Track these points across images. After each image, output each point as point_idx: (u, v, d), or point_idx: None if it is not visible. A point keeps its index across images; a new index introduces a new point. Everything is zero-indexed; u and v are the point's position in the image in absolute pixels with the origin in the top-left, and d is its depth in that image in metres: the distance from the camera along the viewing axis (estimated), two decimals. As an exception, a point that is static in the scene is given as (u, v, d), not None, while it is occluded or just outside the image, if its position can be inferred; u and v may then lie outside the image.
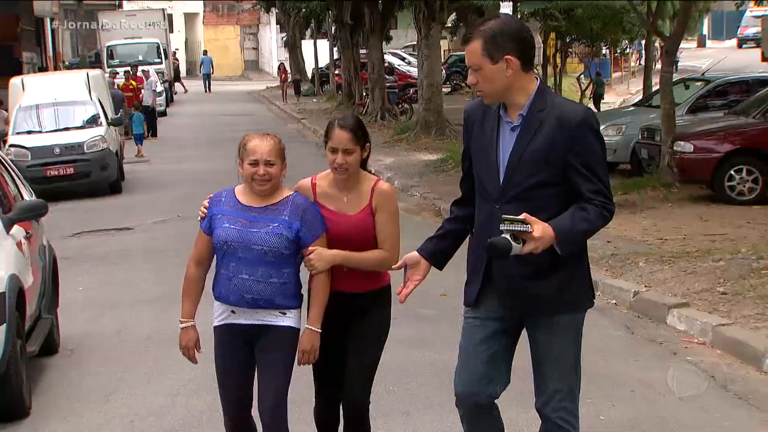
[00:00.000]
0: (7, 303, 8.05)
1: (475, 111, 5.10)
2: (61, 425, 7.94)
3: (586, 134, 4.82)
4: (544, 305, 4.94)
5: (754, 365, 8.48)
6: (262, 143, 5.47)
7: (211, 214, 5.54)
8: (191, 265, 5.65)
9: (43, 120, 22.85)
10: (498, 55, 4.77)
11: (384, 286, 5.66)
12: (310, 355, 5.45)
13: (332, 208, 5.53)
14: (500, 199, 4.88)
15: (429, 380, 8.21)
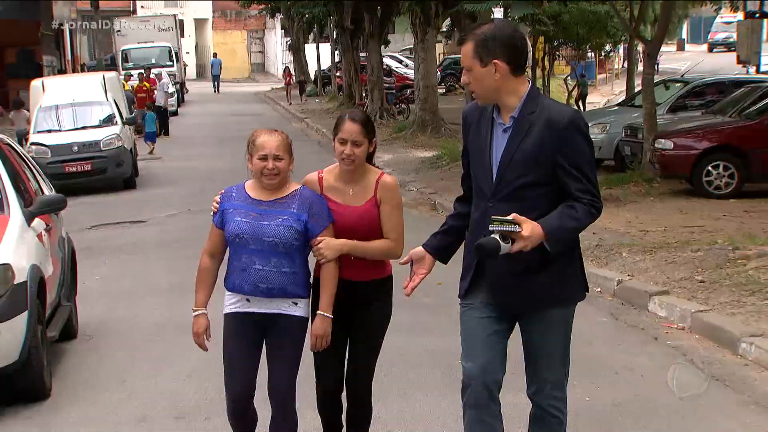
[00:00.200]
0: (28, 291, 8.05)
1: (472, 112, 5.07)
2: (79, 406, 7.95)
3: (574, 135, 4.77)
4: (535, 301, 4.91)
5: (730, 349, 8.49)
6: (270, 138, 5.43)
7: (223, 209, 5.50)
8: (204, 257, 5.62)
9: (62, 119, 22.83)
10: (487, 59, 4.75)
11: (387, 275, 5.63)
12: (323, 340, 5.40)
13: (338, 201, 5.50)
14: (493, 198, 4.84)
15: (425, 365, 8.21)
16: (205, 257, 5.62)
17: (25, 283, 8.06)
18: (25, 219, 8.84)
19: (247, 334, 5.47)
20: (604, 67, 54.97)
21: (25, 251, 8.41)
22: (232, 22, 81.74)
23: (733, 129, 17.59)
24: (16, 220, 8.71)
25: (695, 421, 6.98)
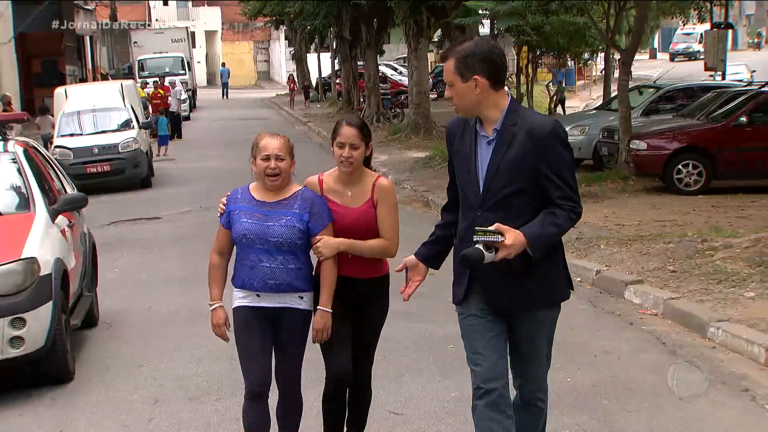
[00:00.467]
0: (53, 283, 8.08)
1: (456, 125, 4.97)
2: (100, 388, 7.95)
3: (555, 144, 4.69)
4: (525, 303, 4.82)
5: (699, 333, 8.50)
6: (272, 141, 5.39)
7: (229, 210, 5.45)
8: (214, 255, 5.56)
9: (84, 124, 22.88)
10: (468, 75, 4.67)
11: (384, 274, 5.56)
12: (323, 333, 5.37)
13: (338, 202, 5.44)
14: (481, 207, 4.75)
15: (419, 349, 8.22)
16: (214, 255, 5.56)
17: (50, 276, 8.09)
18: (49, 216, 8.86)
19: (258, 327, 5.41)
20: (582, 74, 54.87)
21: (49, 246, 8.43)
22: (240, 33, 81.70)
23: (701, 131, 17.64)
24: (41, 217, 8.73)
25: (667, 399, 6.98)
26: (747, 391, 7.09)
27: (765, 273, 9.88)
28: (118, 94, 24.20)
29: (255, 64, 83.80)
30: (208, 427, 6.81)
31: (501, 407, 4.80)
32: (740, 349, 7.99)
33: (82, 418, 7.27)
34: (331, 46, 48.02)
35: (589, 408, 6.82)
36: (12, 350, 7.72)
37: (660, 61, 73.87)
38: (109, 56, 58.21)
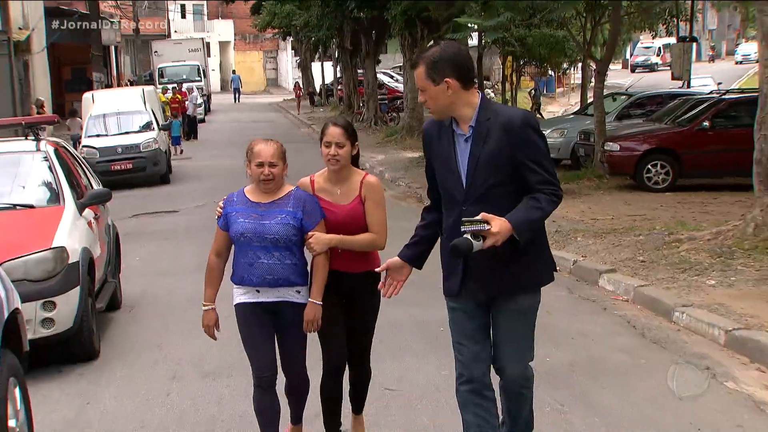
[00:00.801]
0: (80, 270, 8.09)
1: (431, 128, 4.80)
2: (123, 366, 7.96)
3: (529, 133, 4.52)
4: (510, 287, 4.64)
5: (665, 317, 8.52)
6: (266, 147, 5.24)
7: (226, 213, 5.33)
8: (212, 256, 5.43)
9: (109, 126, 22.94)
10: (439, 78, 4.49)
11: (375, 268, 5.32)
12: (313, 324, 5.26)
13: (328, 200, 5.31)
14: (465, 202, 4.58)
15: (412, 331, 8.23)
16: (212, 256, 5.43)
17: (78, 263, 8.10)
18: (77, 209, 8.88)
19: (259, 320, 5.31)
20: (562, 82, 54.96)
21: (77, 236, 8.43)
22: (250, 43, 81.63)
23: (669, 134, 17.70)
24: (70, 210, 8.74)
25: (636, 377, 7.00)
26: (708, 370, 7.10)
27: (725, 263, 9.90)
28: (140, 99, 24.27)
29: (264, 71, 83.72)
30: (220, 402, 6.81)
31: (483, 392, 4.74)
32: (702, 331, 8.00)
33: (106, 392, 7.28)
34: (334, 55, 48.04)
35: (566, 385, 6.83)
36: (44, 330, 7.75)
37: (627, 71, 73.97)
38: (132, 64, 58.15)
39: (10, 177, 9.20)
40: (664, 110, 20.14)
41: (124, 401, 7.03)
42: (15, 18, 30.08)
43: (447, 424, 6.07)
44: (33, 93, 32.24)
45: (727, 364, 7.21)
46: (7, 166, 9.30)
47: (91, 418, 6.72)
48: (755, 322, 7.80)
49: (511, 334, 4.73)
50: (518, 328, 4.74)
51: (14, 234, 8.09)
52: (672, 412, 6.24)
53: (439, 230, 4.86)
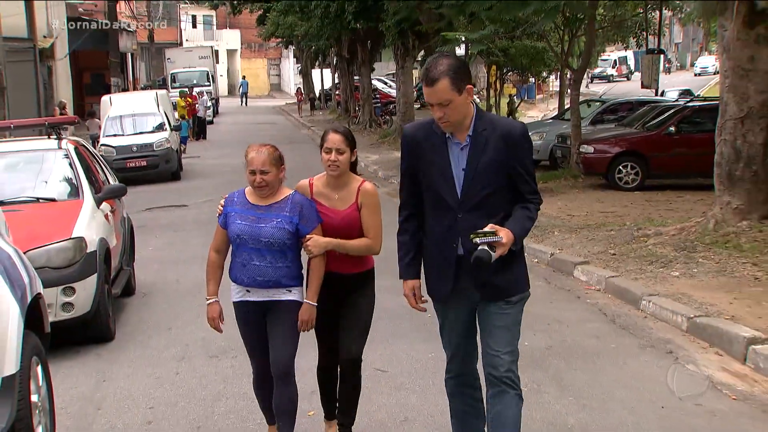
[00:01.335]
0: (97, 258, 8.11)
1: (417, 132, 4.45)
2: (136, 347, 7.97)
3: (525, 144, 4.32)
4: (505, 290, 4.40)
5: (633, 305, 8.55)
6: (258, 155, 4.94)
7: (226, 212, 5.08)
8: (212, 253, 5.20)
9: (125, 126, 22.90)
10: (462, 87, 4.15)
11: (369, 269, 5.21)
12: (308, 324, 5.02)
13: (326, 204, 5.05)
14: (461, 209, 4.30)
15: (402, 317, 8.20)
16: (212, 253, 5.20)
17: (95, 252, 8.12)
18: (95, 203, 8.90)
19: (252, 319, 5.09)
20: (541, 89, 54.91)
21: (95, 227, 8.44)
22: (256, 52, 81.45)
23: (638, 138, 17.73)
24: (89, 204, 8.76)
25: (607, 359, 7.02)
26: (671, 353, 7.14)
27: (688, 256, 9.93)
28: (154, 102, 24.24)
29: (268, 77, 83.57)
30: (225, 381, 6.82)
31: (472, 383, 4.63)
32: (666, 318, 8.03)
33: (121, 370, 7.29)
34: (332, 63, 47.95)
35: (542, 367, 6.85)
36: (64, 314, 7.76)
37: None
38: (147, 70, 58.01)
39: (34, 173, 9.25)
40: (634, 116, 20.18)
41: (137, 379, 7.04)
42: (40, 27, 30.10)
43: (434, 403, 6.09)
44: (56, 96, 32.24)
45: (688, 348, 7.25)
46: (31, 162, 9.36)
47: (106, 394, 6.73)
48: (714, 310, 7.83)
49: (501, 329, 4.42)
50: (507, 323, 4.46)
51: (37, 225, 8.09)
52: (638, 392, 6.27)
53: (420, 237, 4.56)
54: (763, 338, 6.93)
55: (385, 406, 6.09)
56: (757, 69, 10.97)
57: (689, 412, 5.89)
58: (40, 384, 5.27)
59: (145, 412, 6.27)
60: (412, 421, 5.83)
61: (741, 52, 11.04)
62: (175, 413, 6.20)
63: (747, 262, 9.49)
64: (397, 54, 29.55)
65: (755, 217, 11.02)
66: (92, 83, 40.66)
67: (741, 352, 6.90)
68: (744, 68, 11.03)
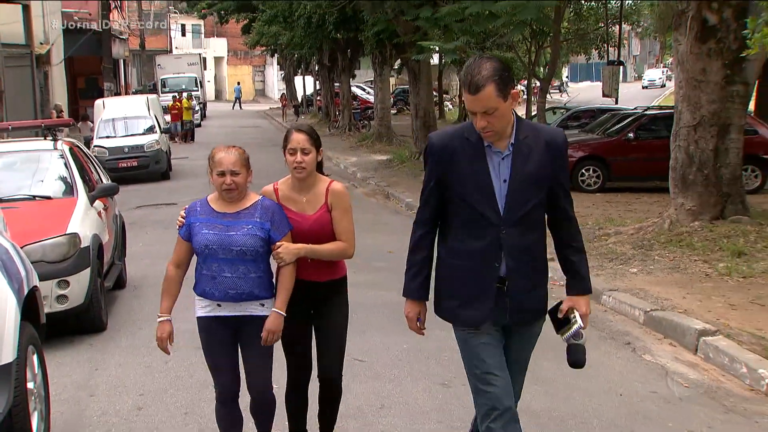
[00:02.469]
0: (90, 253, 8.06)
1: (451, 142, 3.72)
2: (127, 337, 7.93)
3: (566, 153, 3.80)
4: (536, 312, 3.88)
5: (595, 300, 8.56)
6: (227, 155, 4.35)
7: (189, 223, 4.44)
8: (171, 267, 4.56)
9: (117, 129, 22.86)
10: (507, 92, 3.54)
11: (343, 276, 4.64)
12: (273, 335, 4.36)
13: (294, 209, 4.44)
14: (504, 224, 3.65)
15: (379, 310, 8.23)
16: (171, 267, 4.56)
17: (89, 247, 8.07)
18: (88, 201, 8.85)
19: (220, 336, 4.44)
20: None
21: (88, 224, 8.39)
22: (242, 59, 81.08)
23: (599, 143, 17.88)
24: (82, 202, 8.71)
25: (569, 351, 7.06)
26: (629, 344, 7.20)
27: (645, 254, 10.01)
28: (145, 106, 24.27)
29: (253, 83, 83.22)
30: (212, 368, 6.80)
31: (516, 422, 3.77)
32: (625, 312, 8.10)
33: (112, 359, 7.25)
34: (314, 70, 47.85)
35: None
36: (59, 305, 7.71)
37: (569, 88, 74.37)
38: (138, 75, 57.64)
39: (30, 172, 9.20)
40: (596, 123, 20.34)
41: (128, 368, 7.00)
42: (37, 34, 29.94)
43: (409, 391, 6.12)
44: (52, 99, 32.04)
45: (644, 339, 7.31)
46: (28, 162, 9.31)
47: (99, 381, 6.69)
48: (669, 304, 7.90)
49: (519, 356, 3.95)
50: (527, 350, 3.99)
51: (34, 221, 8.03)
52: (598, 381, 6.31)
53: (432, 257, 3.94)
54: (712, 330, 7.00)
55: (363, 394, 6.09)
56: (708, 80, 11.08)
57: (645, 398, 5.95)
58: (36, 372, 5.24)
59: (136, 399, 6.24)
60: (388, 408, 5.83)
61: (694, 65, 11.14)
62: (164, 400, 6.18)
63: (698, 259, 9.59)
64: (375, 62, 29.58)
65: (706, 218, 11.14)
66: (86, 88, 40.34)
67: (693, 343, 6.97)
68: (697, 79, 11.14)
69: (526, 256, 3.72)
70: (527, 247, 3.73)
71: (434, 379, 6.35)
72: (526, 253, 3.73)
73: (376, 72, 30.16)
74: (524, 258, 3.72)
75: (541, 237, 3.79)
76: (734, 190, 11.42)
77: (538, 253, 3.80)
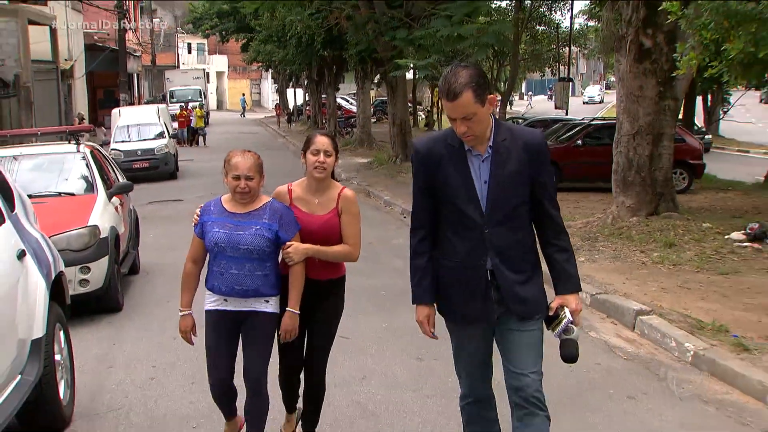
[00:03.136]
0: (108, 243, 8.03)
1: (436, 147, 3.43)
2: (140, 317, 7.91)
3: (545, 153, 3.44)
4: (534, 306, 3.47)
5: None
6: (243, 160, 4.07)
7: (203, 221, 4.19)
8: (188, 263, 4.29)
9: (131, 134, 22.77)
10: (485, 97, 3.23)
11: (342, 275, 4.35)
12: (291, 333, 4.13)
13: (305, 210, 4.17)
14: (488, 224, 3.35)
15: (361, 294, 8.23)
16: (189, 263, 4.28)
17: (107, 238, 8.04)
18: (107, 197, 8.82)
19: (225, 329, 4.16)
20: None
21: (107, 217, 8.36)
22: (240, 73, 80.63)
23: (552, 149, 17.82)
24: (101, 198, 8.68)
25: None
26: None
27: (591, 245, 10.08)
28: (155, 114, 24.14)
29: (250, 95, 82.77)
30: (215, 344, 6.79)
31: (489, 406, 3.64)
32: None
33: (128, 336, 7.24)
34: (304, 83, 47.72)
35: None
36: (81, 288, 7.70)
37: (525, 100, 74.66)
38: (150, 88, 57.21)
39: (56, 172, 9.16)
40: (549, 131, 20.40)
41: (141, 343, 6.99)
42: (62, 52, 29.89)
43: (387, 364, 6.14)
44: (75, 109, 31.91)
45: (590, 319, 7.36)
46: (54, 163, 9.27)
47: (116, 355, 6.68)
48: (611, 288, 7.97)
49: (529, 348, 3.52)
50: (536, 341, 3.54)
51: (59, 215, 7.99)
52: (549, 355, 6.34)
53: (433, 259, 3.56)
54: (647, 310, 7.08)
55: (348, 367, 6.11)
56: (645, 96, 11.20)
57: (590, 369, 6.00)
58: (62, 346, 5.25)
59: (149, 370, 6.23)
60: (369, 379, 5.86)
61: (632, 83, 11.25)
62: (174, 371, 6.18)
63: (636, 249, 9.68)
64: (358, 77, 29.54)
65: (643, 214, 11.26)
66: (105, 98, 40.13)
67: (631, 321, 7.05)
68: (635, 95, 11.25)
69: (513, 252, 3.41)
70: (513, 244, 3.41)
71: (410, 354, 6.37)
72: (514, 249, 3.41)
73: (358, 85, 30.12)
74: (511, 254, 3.40)
75: (529, 233, 3.48)
76: (666, 190, 11.55)
77: (528, 248, 3.47)
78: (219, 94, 78.70)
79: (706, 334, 6.42)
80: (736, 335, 6.30)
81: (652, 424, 4.99)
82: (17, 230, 5.07)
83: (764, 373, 5.50)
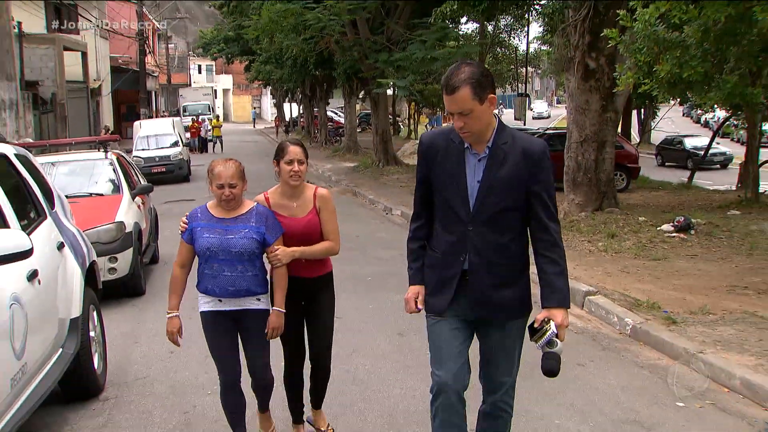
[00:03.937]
0: (133, 237, 8.02)
1: (438, 139, 3.10)
2: (160, 300, 7.86)
3: (544, 163, 2.97)
4: (508, 310, 3.09)
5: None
6: (225, 169, 3.78)
7: (191, 228, 3.88)
8: (176, 268, 4.00)
9: (150, 143, 22.63)
10: (484, 96, 2.86)
11: (329, 271, 4.05)
12: (277, 330, 3.83)
13: (285, 215, 3.87)
14: (472, 222, 2.99)
15: (350, 280, 8.27)
16: (176, 268, 4.00)
17: (131, 232, 8.04)
18: (131, 197, 8.78)
19: (223, 328, 3.85)
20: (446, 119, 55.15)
21: (131, 215, 8.35)
22: (243, 90, 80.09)
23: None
24: (126, 198, 8.66)
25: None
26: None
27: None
28: (171, 126, 24.06)
29: (252, 108, 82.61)
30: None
31: (459, 406, 3.09)
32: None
33: (150, 316, 7.24)
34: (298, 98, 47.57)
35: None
36: (110, 276, 7.69)
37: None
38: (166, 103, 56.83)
39: (87, 176, 9.16)
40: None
41: (161, 323, 6.87)
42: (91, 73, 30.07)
43: (374, 339, 6.16)
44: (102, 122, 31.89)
45: (545, 299, 7.41)
46: (86, 168, 9.27)
47: (140, 333, 6.68)
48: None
49: (503, 352, 3.17)
50: (510, 346, 3.17)
51: (91, 212, 7.97)
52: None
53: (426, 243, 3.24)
54: (594, 291, 7.15)
55: (339, 343, 6.05)
56: (590, 109, 11.30)
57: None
58: (95, 324, 5.27)
59: (169, 345, 6.09)
60: (358, 352, 5.88)
61: (580, 98, 11.35)
62: (191, 345, 6.13)
63: (584, 240, 9.76)
64: (345, 93, 29.49)
65: (590, 210, 11.37)
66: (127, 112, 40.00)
67: (580, 301, 7.10)
68: (582, 108, 11.35)
69: (494, 255, 3.01)
70: (496, 247, 3.01)
71: (393, 330, 6.41)
72: (496, 252, 3.01)
73: (345, 100, 30.08)
74: (491, 256, 3.00)
75: (518, 239, 3.05)
76: (609, 189, 11.67)
77: (514, 254, 3.05)
78: (225, 108, 78.18)
79: (642, 310, 6.50)
80: (667, 311, 6.40)
81: (598, 387, 5.07)
82: (57, 225, 5.11)
83: (688, 341, 5.61)
